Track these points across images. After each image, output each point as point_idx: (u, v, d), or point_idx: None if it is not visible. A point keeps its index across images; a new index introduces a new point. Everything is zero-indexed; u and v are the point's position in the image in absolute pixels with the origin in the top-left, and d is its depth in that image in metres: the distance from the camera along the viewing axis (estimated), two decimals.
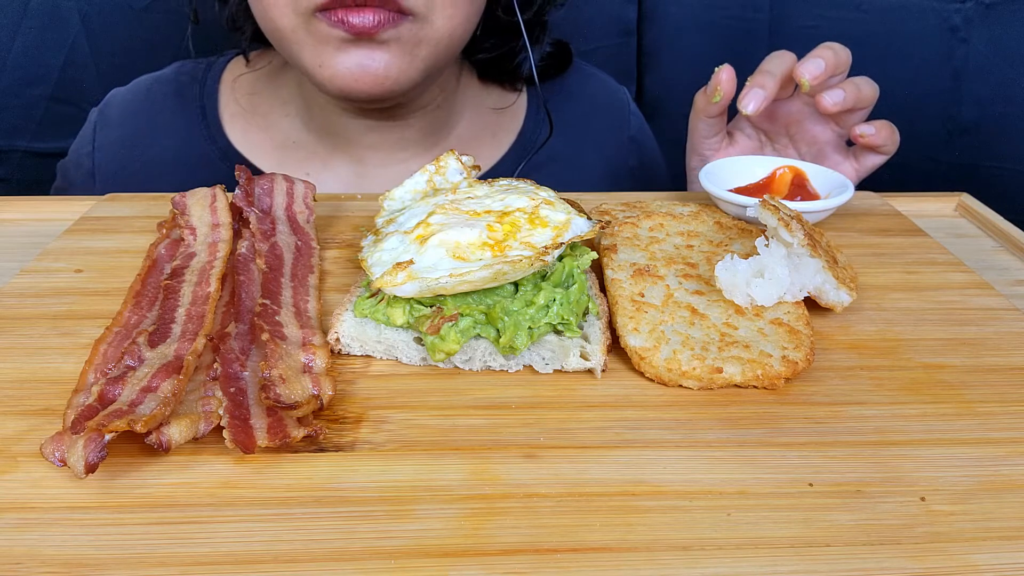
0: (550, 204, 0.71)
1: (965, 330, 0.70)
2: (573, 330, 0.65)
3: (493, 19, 1.12)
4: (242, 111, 1.18)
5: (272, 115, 1.18)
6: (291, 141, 1.17)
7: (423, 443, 0.56)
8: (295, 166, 1.14)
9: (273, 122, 1.17)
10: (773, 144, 1.04)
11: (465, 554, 0.47)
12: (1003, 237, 0.90)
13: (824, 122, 0.99)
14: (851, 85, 0.93)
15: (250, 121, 1.18)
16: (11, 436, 0.56)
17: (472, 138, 1.20)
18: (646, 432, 0.57)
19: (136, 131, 1.19)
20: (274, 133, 1.17)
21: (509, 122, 1.23)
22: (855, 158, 1.00)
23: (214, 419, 0.55)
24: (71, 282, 0.77)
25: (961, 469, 0.54)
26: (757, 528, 0.49)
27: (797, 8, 1.46)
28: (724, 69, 0.94)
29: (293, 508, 0.50)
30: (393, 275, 0.64)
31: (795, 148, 1.03)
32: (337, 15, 0.92)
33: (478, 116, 1.21)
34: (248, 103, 1.18)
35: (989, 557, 0.47)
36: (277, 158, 1.16)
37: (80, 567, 0.46)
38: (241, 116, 1.18)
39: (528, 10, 1.13)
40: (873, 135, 0.94)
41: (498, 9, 1.12)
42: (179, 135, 1.17)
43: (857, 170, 1.00)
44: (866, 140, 0.95)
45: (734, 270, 0.67)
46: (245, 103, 1.18)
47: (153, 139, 1.18)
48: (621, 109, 1.31)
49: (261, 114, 1.18)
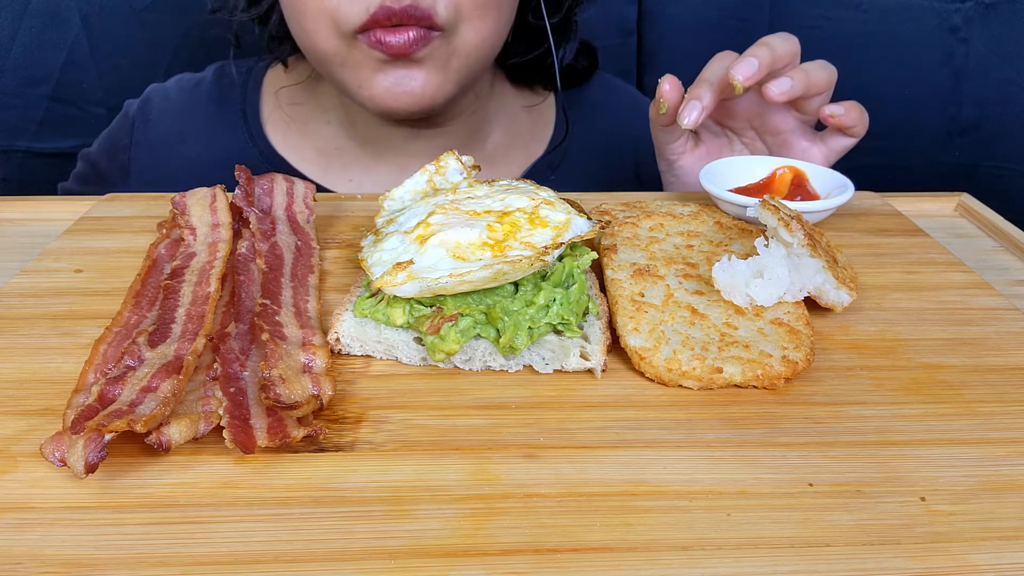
0: (550, 204, 0.71)
1: (965, 330, 0.70)
2: (573, 330, 0.65)
3: (523, 24, 1.14)
4: (284, 118, 1.20)
5: (313, 123, 1.19)
6: (333, 147, 1.19)
7: (423, 443, 0.56)
8: (338, 172, 1.17)
9: (315, 129, 1.19)
10: (740, 138, 1.04)
11: (465, 554, 0.47)
12: (1003, 237, 0.90)
13: (785, 111, 0.98)
14: (799, 72, 0.91)
15: (291, 128, 1.20)
16: (11, 436, 0.56)
17: (507, 143, 1.23)
18: (646, 432, 0.57)
19: (177, 130, 1.20)
20: (316, 140, 1.19)
21: (541, 130, 1.25)
22: (822, 142, 0.99)
23: (214, 419, 0.55)
24: (71, 282, 0.77)
25: (961, 469, 0.54)
26: (757, 528, 0.49)
27: (797, 8, 1.46)
28: (667, 79, 0.94)
29: (293, 508, 0.50)
30: (393, 275, 0.64)
31: (761, 140, 1.03)
32: (376, 35, 0.95)
33: (512, 121, 1.23)
34: (290, 112, 1.20)
35: (989, 557, 0.47)
36: (320, 164, 1.18)
37: (80, 567, 0.46)
38: (283, 123, 1.20)
39: (557, 13, 1.15)
40: (843, 115, 0.93)
41: (528, 15, 1.14)
42: (221, 137, 1.18)
43: (826, 155, 0.99)
44: (836, 121, 0.94)
45: (732, 271, 0.67)
46: (287, 111, 1.20)
47: (195, 139, 1.19)
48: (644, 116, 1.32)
49: (302, 121, 1.20)
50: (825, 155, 0.99)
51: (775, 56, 0.90)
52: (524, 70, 1.23)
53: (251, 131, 1.18)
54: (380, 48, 0.96)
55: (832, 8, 1.44)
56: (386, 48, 0.96)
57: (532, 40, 1.17)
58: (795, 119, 0.99)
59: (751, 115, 1.01)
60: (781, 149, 1.01)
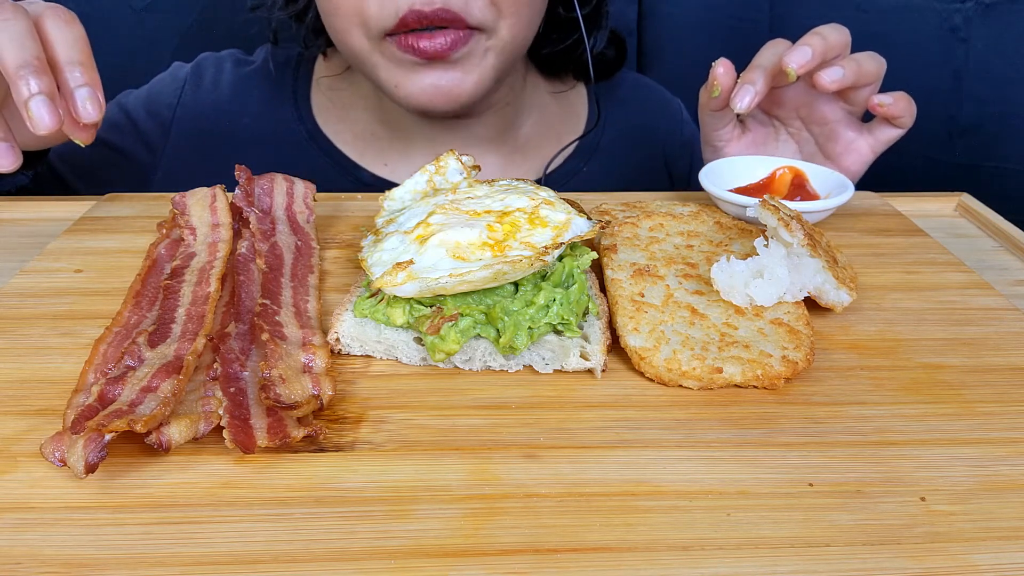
0: (550, 204, 0.71)
1: (965, 330, 0.70)
2: (573, 330, 0.65)
3: (554, 15, 1.14)
4: (327, 102, 1.22)
5: (352, 108, 1.21)
6: (369, 133, 1.20)
7: (423, 443, 0.56)
8: (374, 156, 1.19)
9: (353, 115, 1.21)
10: (787, 127, 1.04)
11: (465, 554, 0.47)
12: (1003, 237, 0.90)
13: (833, 101, 0.99)
14: (851, 62, 0.92)
15: (331, 112, 1.21)
16: (11, 436, 0.56)
17: (539, 134, 1.23)
18: (646, 432, 0.57)
19: (227, 100, 1.21)
20: (353, 124, 1.21)
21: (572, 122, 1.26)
22: (870, 133, 0.99)
23: (214, 419, 0.55)
24: (71, 282, 0.77)
25: (961, 469, 0.54)
26: (757, 528, 0.49)
27: (797, 8, 1.46)
28: (720, 63, 0.94)
29: (293, 508, 0.50)
30: (393, 275, 0.64)
31: (808, 130, 1.03)
32: (407, 40, 0.96)
33: (543, 111, 1.24)
34: (330, 96, 1.22)
35: (989, 557, 0.47)
36: (358, 148, 1.20)
37: (80, 567, 0.46)
38: (325, 107, 1.21)
39: (587, 4, 1.15)
40: (891, 104, 0.94)
41: (559, 7, 1.14)
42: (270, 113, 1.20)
43: (873, 145, 0.99)
44: (884, 110, 0.94)
45: (731, 271, 0.67)
46: (328, 96, 1.22)
47: (245, 111, 1.20)
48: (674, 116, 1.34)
49: (342, 106, 1.21)
50: (872, 146, 0.99)
51: (828, 45, 0.90)
52: (555, 60, 1.24)
53: (300, 111, 1.20)
54: (412, 52, 0.97)
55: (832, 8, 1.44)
56: (419, 53, 0.96)
57: (563, 30, 1.17)
58: (842, 109, 0.99)
59: (799, 104, 1.01)
60: (828, 139, 1.01)
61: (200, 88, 1.21)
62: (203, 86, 1.21)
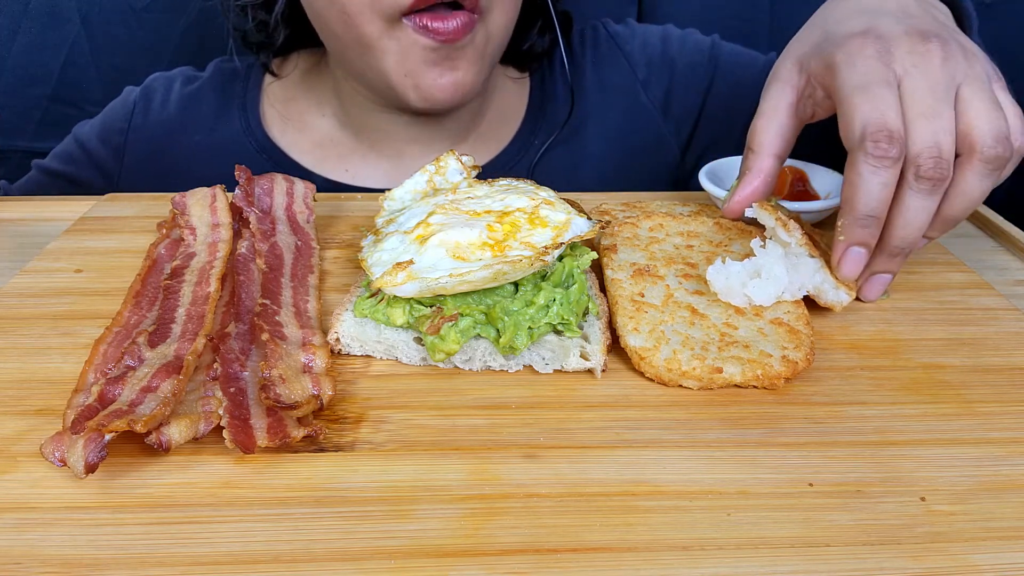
0: (550, 204, 0.71)
1: (965, 330, 0.70)
2: (573, 330, 0.65)
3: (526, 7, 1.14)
4: (279, 115, 1.20)
5: (309, 116, 1.20)
6: (329, 140, 1.19)
7: (423, 443, 0.56)
8: (334, 163, 1.17)
9: (310, 123, 1.20)
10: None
11: (465, 554, 0.47)
12: (1003, 237, 0.90)
13: None
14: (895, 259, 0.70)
15: (287, 123, 1.20)
16: (11, 436, 0.56)
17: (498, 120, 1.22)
18: (646, 432, 0.57)
19: (177, 119, 1.21)
20: (312, 133, 1.19)
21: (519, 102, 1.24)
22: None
23: (214, 419, 0.55)
24: (71, 282, 0.77)
25: (961, 469, 0.54)
26: (757, 528, 0.49)
27: (797, 8, 1.46)
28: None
29: (293, 508, 0.50)
30: (393, 275, 0.64)
31: None
32: (423, 20, 0.95)
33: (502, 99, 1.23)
34: (284, 109, 1.20)
35: (989, 557, 0.47)
36: (316, 156, 1.18)
37: (80, 567, 0.46)
38: (279, 119, 1.20)
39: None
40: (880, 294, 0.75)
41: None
42: (219, 128, 1.19)
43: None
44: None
45: (726, 273, 0.67)
46: (281, 109, 1.20)
47: (194, 129, 1.20)
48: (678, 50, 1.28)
49: (297, 116, 1.20)
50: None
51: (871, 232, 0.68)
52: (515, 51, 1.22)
53: (249, 123, 1.18)
54: (427, 34, 0.95)
55: None
56: (434, 34, 0.95)
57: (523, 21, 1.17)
58: None
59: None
60: None
61: (150, 110, 1.21)
62: (152, 107, 1.21)
